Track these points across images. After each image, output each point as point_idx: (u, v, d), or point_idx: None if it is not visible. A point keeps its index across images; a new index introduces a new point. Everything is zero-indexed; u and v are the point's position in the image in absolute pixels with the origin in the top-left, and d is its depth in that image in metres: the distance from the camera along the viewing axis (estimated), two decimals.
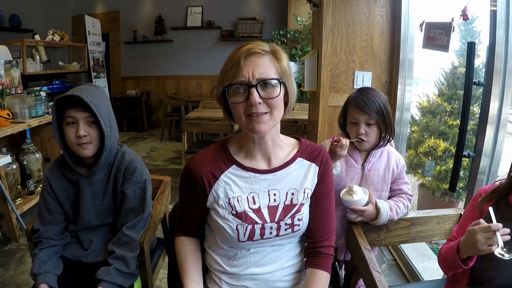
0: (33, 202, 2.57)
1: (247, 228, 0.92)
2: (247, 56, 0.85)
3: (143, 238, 1.24)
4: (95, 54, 4.91)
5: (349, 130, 1.29)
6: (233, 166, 0.96)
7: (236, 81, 0.85)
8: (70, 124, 1.12)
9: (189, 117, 3.86)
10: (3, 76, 2.75)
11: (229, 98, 0.87)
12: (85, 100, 1.08)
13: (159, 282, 1.90)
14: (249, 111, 0.86)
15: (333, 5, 2.09)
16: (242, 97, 0.85)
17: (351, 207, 1.20)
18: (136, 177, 1.23)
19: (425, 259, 2.11)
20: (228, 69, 0.86)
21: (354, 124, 1.26)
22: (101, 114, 1.12)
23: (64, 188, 1.22)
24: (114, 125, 1.20)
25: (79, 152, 1.14)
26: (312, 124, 2.49)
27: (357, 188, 1.20)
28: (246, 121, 0.87)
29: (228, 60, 0.87)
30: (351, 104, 1.26)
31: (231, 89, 0.86)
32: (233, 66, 0.85)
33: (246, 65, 0.84)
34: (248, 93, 0.84)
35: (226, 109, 0.93)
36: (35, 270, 1.12)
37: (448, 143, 2.79)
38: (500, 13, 1.39)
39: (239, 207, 0.93)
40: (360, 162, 1.31)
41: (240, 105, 0.86)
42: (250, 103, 0.84)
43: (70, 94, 1.09)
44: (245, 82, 0.84)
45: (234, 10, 6.03)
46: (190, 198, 0.99)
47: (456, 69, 2.84)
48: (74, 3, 6.36)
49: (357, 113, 1.24)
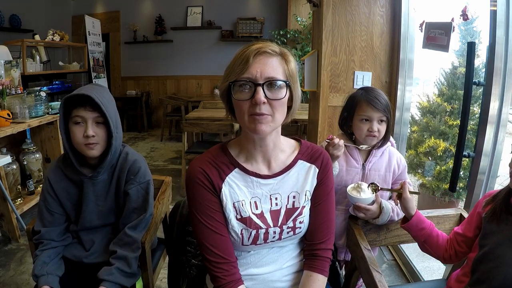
0: (33, 202, 2.57)
1: (252, 233, 0.92)
2: (257, 54, 0.84)
3: (145, 238, 1.24)
4: (95, 54, 4.91)
5: (359, 128, 1.26)
6: (236, 170, 0.94)
7: (242, 77, 0.84)
8: (77, 123, 1.11)
9: (189, 117, 3.86)
10: (3, 76, 2.75)
11: (234, 94, 0.86)
12: (95, 100, 1.07)
13: (159, 282, 1.90)
14: (252, 111, 0.85)
15: (333, 5, 2.09)
16: (247, 95, 0.84)
17: (356, 203, 1.19)
18: (140, 178, 1.23)
19: (425, 259, 2.11)
20: (236, 65, 0.85)
21: (366, 121, 1.25)
22: (109, 115, 1.11)
23: (66, 189, 1.21)
24: (119, 126, 1.19)
25: (85, 152, 1.13)
26: (312, 124, 2.49)
27: (365, 186, 1.20)
28: (248, 120, 0.86)
29: (236, 56, 0.86)
30: (363, 101, 1.25)
31: (237, 85, 0.85)
32: (242, 63, 0.84)
33: (255, 63, 0.83)
34: (254, 92, 0.83)
35: (229, 106, 0.92)
36: (37, 271, 1.12)
37: (448, 143, 2.79)
38: (500, 13, 1.39)
39: (244, 212, 0.92)
40: (360, 162, 1.30)
41: (244, 102, 0.85)
42: (255, 102, 0.83)
43: (79, 93, 1.07)
44: (251, 79, 0.83)
45: (234, 10, 6.03)
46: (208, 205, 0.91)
47: (456, 69, 2.84)
48: (74, 3, 6.36)
49: (371, 110, 1.23)
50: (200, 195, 0.92)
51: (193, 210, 0.93)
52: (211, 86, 6.33)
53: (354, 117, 1.28)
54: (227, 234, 0.93)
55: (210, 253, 0.91)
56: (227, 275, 0.90)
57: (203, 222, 0.91)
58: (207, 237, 0.91)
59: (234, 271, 0.92)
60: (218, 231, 0.91)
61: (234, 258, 0.93)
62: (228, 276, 0.90)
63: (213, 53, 6.16)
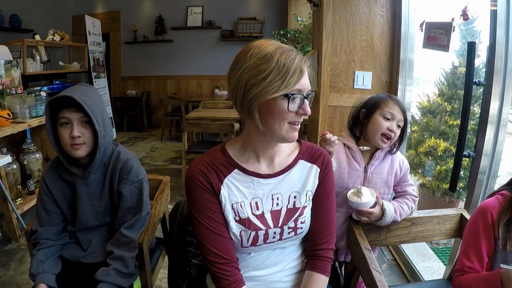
0: (33, 202, 2.57)
1: (251, 234, 0.92)
2: (305, 66, 0.84)
3: (142, 238, 1.24)
4: (95, 54, 4.91)
5: (379, 123, 1.23)
6: (235, 170, 0.94)
7: (296, 91, 0.83)
8: (64, 125, 1.12)
9: (189, 117, 3.86)
10: (4, 76, 2.75)
11: (286, 106, 0.83)
12: (77, 100, 1.07)
13: (159, 282, 1.90)
14: (293, 120, 0.85)
15: (333, 5, 2.09)
16: (295, 106, 0.84)
17: (358, 208, 1.19)
18: (132, 177, 1.22)
19: (426, 259, 2.11)
20: (287, 74, 0.80)
21: (388, 119, 1.24)
22: (94, 114, 1.11)
23: (61, 189, 1.22)
24: (108, 125, 1.19)
25: (72, 152, 1.14)
26: (312, 124, 2.49)
27: (364, 190, 1.19)
28: (287, 129, 0.86)
29: (280, 62, 0.80)
30: (389, 99, 1.25)
31: (292, 97, 0.82)
32: (295, 72, 0.81)
33: (306, 74, 0.84)
34: (302, 103, 0.84)
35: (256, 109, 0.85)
36: (33, 270, 1.12)
37: (449, 143, 2.79)
38: (500, 13, 1.39)
39: (242, 214, 0.92)
40: (362, 165, 1.29)
41: (290, 113, 0.84)
42: (302, 113, 0.85)
43: (62, 95, 1.08)
44: (302, 92, 0.84)
45: (234, 10, 6.03)
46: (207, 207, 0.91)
47: (457, 69, 2.84)
48: (74, 3, 6.36)
49: (397, 109, 1.24)
50: (200, 196, 0.91)
51: (193, 211, 0.92)
52: (212, 86, 6.34)
53: (376, 113, 1.25)
54: (227, 235, 0.92)
55: (211, 254, 0.90)
56: (229, 275, 0.90)
57: (203, 223, 0.91)
58: (207, 238, 0.91)
59: (235, 271, 0.91)
60: (218, 232, 0.91)
61: (235, 258, 0.93)
62: (230, 276, 0.90)
63: (213, 53, 6.16)
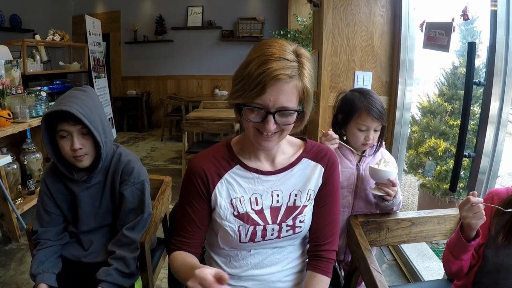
0: (33, 202, 2.57)
1: (249, 229, 0.92)
2: (274, 80, 0.78)
3: (144, 238, 1.24)
4: (95, 54, 4.91)
5: (355, 136, 1.26)
6: (237, 166, 0.95)
7: (255, 103, 0.80)
8: (64, 137, 1.10)
9: (189, 117, 3.86)
10: (4, 76, 2.75)
11: (244, 114, 0.83)
12: (75, 115, 1.05)
13: (159, 282, 1.90)
14: (260, 129, 0.84)
15: (333, 5, 2.09)
16: (257, 118, 0.82)
17: (389, 178, 1.16)
18: (134, 178, 1.22)
19: (426, 259, 2.11)
20: (250, 87, 0.79)
21: (364, 131, 1.25)
22: (93, 124, 1.09)
23: (61, 191, 1.22)
24: (108, 130, 1.18)
25: (76, 164, 1.14)
26: (312, 124, 2.49)
27: (387, 161, 1.19)
28: (254, 136, 0.86)
29: (251, 73, 0.79)
30: (363, 110, 1.23)
31: (248, 108, 0.82)
32: (257, 87, 0.78)
33: (270, 91, 0.78)
34: (265, 118, 0.81)
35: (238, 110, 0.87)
36: (33, 270, 1.12)
37: (449, 143, 2.79)
38: (500, 13, 1.39)
39: (241, 208, 0.92)
40: (354, 163, 1.31)
41: (253, 123, 0.84)
42: (264, 129, 0.83)
43: (59, 109, 1.05)
44: (264, 107, 0.80)
45: (235, 10, 6.03)
46: (193, 198, 0.94)
47: (457, 69, 2.83)
48: (75, 3, 6.36)
49: (371, 120, 1.22)
50: (190, 192, 0.95)
51: (180, 198, 0.98)
52: (212, 86, 6.34)
53: (351, 124, 1.27)
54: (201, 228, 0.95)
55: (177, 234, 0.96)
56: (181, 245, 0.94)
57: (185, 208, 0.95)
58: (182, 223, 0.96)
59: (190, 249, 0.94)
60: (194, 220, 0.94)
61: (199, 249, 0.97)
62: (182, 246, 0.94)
63: (213, 53, 6.16)
